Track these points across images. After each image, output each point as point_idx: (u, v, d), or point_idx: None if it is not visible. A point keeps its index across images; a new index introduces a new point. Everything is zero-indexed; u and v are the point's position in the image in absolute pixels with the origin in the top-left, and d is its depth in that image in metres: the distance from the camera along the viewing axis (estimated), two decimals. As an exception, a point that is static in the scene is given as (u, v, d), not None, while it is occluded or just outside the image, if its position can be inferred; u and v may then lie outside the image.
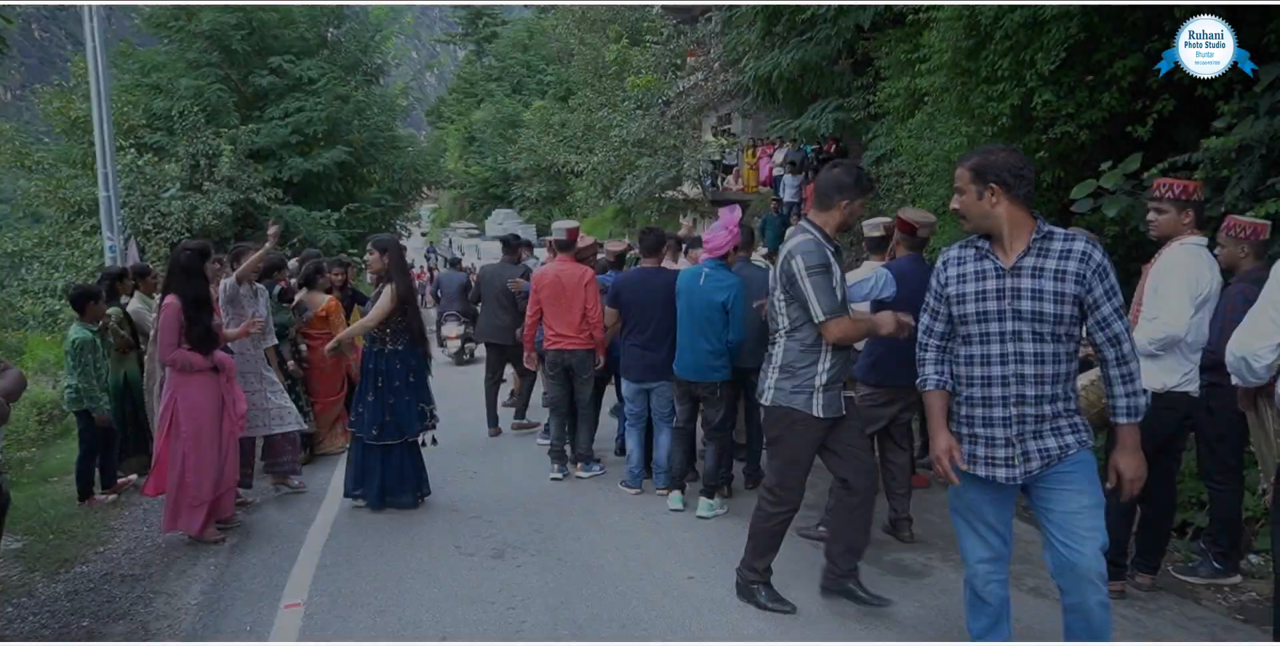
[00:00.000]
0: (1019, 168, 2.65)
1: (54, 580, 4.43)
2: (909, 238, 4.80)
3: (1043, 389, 2.69)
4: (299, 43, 20.60)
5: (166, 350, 4.64)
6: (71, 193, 16.37)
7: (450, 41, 65.88)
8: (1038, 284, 2.63)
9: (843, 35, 10.23)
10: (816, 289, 3.41)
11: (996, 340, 2.71)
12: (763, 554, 3.88)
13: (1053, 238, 2.65)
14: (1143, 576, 4.06)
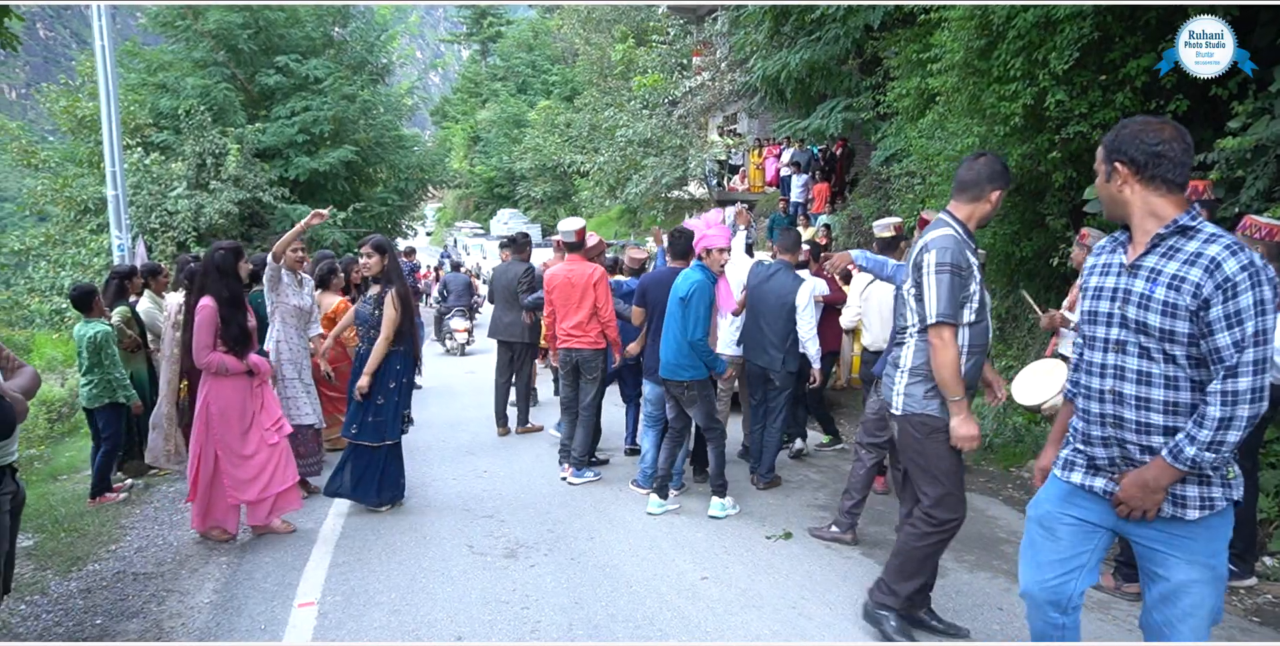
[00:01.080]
0: (1154, 143, 2.18)
1: (66, 578, 4.43)
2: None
3: (1147, 415, 2.23)
4: (305, 42, 20.60)
5: (202, 352, 4.57)
6: (78, 191, 16.36)
7: (455, 41, 65.78)
8: (1149, 289, 2.19)
9: (851, 35, 10.20)
10: (939, 287, 3.06)
11: (1101, 347, 2.33)
12: (909, 577, 3.42)
13: (1190, 235, 2.17)
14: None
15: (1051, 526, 2.47)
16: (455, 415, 8.65)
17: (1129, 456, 2.29)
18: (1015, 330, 8.24)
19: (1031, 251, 7.01)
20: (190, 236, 16.03)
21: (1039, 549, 2.50)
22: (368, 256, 5.12)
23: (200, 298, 4.64)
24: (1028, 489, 5.90)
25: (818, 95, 11.98)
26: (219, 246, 4.79)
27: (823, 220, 14.03)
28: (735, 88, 17.59)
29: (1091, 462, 2.38)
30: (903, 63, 8.52)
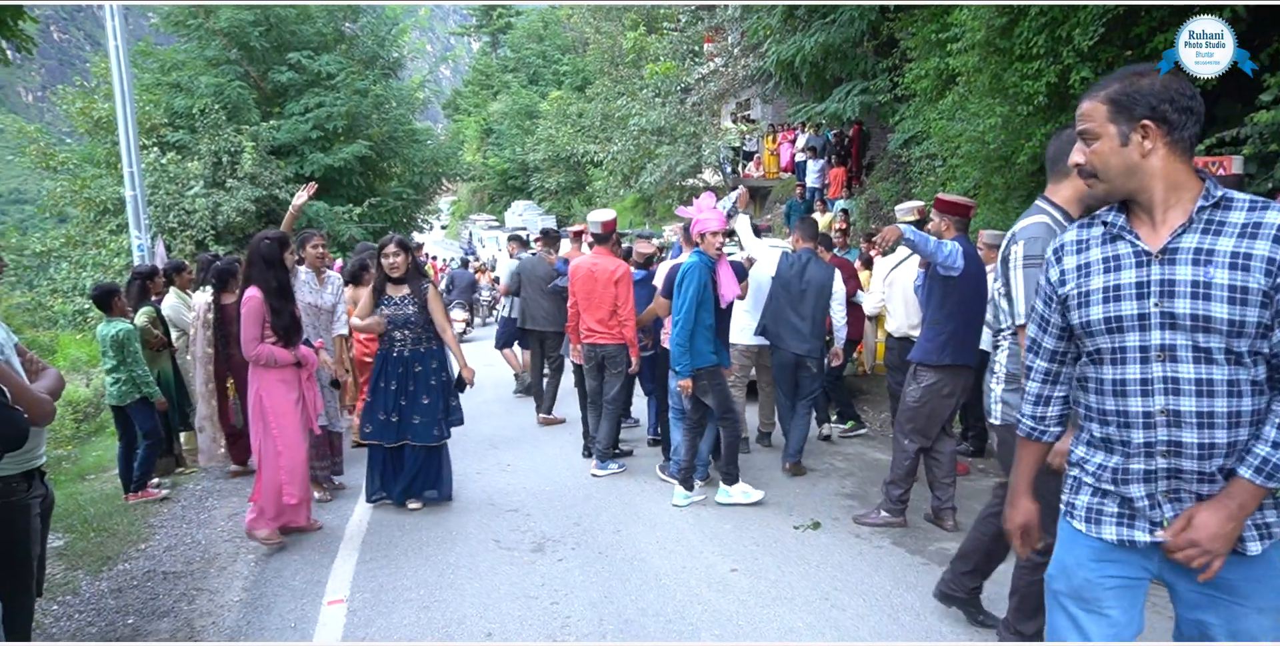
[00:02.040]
0: (1188, 98, 1.77)
1: (97, 578, 4.45)
2: (960, 219, 4.59)
3: (1211, 434, 1.77)
4: (316, 38, 20.58)
5: (250, 344, 4.49)
6: (96, 192, 16.46)
7: (465, 34, 65.63)
8: (1203, 274, 1.75)
9: (866, 16, 10.04)
10: (1027, 283, 2.73)
11: (1137, 359, 1.82)
12: (1032, 615, 3.14)
13: (1231, 206, 1.78)
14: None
15: (1095, 597, 1.91)
16: (476, 408, 8.63)
17: (1179, 489, 1.82)
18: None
19: (1056, 233, 6.89)
20: (208, 235, 16.11)
21: (1089, 632, 1.91)
22: (394, 255, 5.02)
23: (246, 289, 4.57)
24: (1057, 474, 5.82)
25: (833, 79, 11.82)
26: (264, 236, 4.69)
27: (840, 205, 13.91)
28: (749, 73, 17.43)
29: (1126, 506, 1.88)
30: (920, 43, 8.37)
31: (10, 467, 2.59)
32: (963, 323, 4.41)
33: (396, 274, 5.04)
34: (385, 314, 5.08)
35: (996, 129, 6.14)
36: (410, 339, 5.11)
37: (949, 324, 4.44)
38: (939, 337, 4.48)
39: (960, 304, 4.42)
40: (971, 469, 5.92)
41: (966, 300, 4.40)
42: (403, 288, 5.09)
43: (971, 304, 4.40)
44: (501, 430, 7.57)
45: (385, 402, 5.10)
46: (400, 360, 5.12)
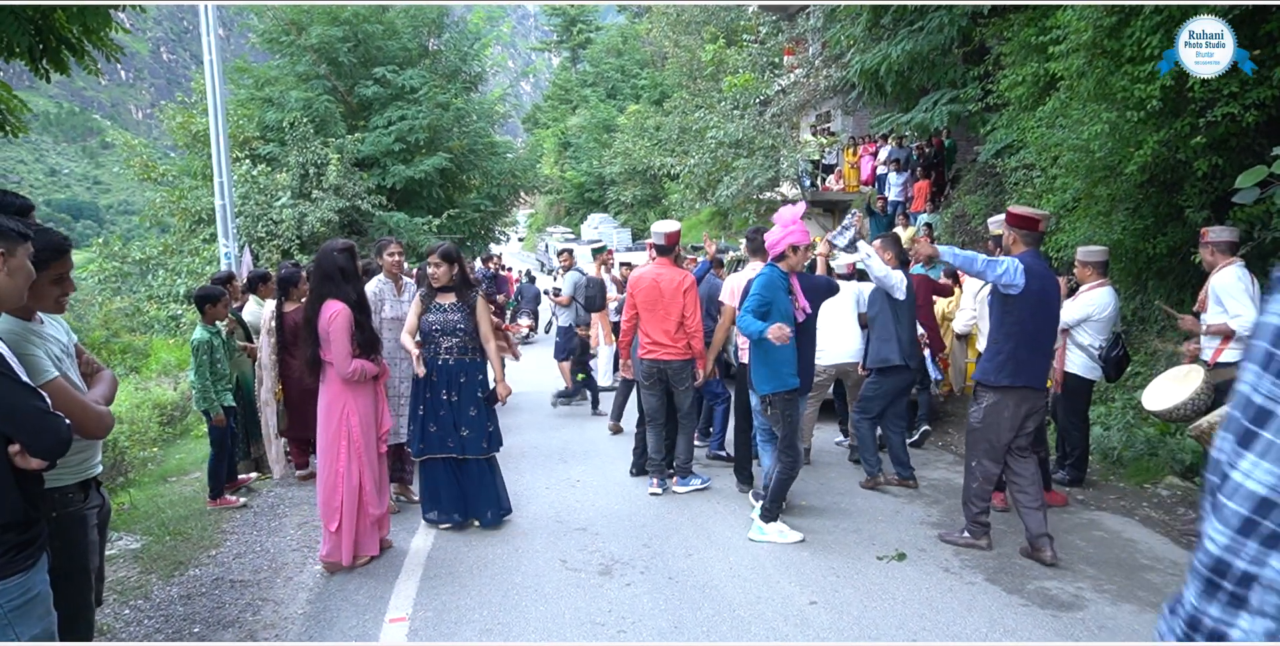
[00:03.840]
0: None
1: (169, 583, 4.45)
2: (1028, 233, 4.43)
3: None
4: (401, 53, 21.11)
5: (345, 361, 4.30)
6: (192, 202, 17.16)
7: (545, 49, 66.77)
8: None
9: (956, 22, 9.65)
10: None
11: None
12: None
13: None
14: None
15: None
16: (545, 421, 8.55)
17: None
18: (1144, 334, 7.60)
19: (1165, 248, 6.41)
20: (294, 244, 16.57)
21: None
22: (435, 266, 4.85)
23: (322, 303, 4.38)
24: (1165, 507, 5.37)
25: (919, 88, 11.42)
26: (335, 247, 4.50)
27: (924, 219, 13.43)
28: (830, 84, 17.07)
29: None
30: (1015, 49, 7.97)
31: (66, 478, 2.53)
32: (1022, 342, 4.31)
33: (436, 284, 4.91)
34: (431, 321, 4.90)
35: (1103, 136, 5.73)
36: (457, 348, 4.92)
37: (1007, 343, 4.35)
38: (997, 357, 4.38)
39: (1019, 324, 4.32)
40: (1070, 499, 5.51)
41: (1025, 320, 4.30)
42: (450, 295, 4.94)
43: (1032, 324, 4.30)
44: (571, 444, 7.44)
45: (431, 413, 4.92)
46: (446, 369, 4.93)
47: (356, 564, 4.51)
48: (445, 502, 5.04)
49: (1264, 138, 5.51)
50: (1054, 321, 4.51)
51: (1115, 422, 6.57)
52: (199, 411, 5.72)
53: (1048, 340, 4.46)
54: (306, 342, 4.44)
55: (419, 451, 4.98)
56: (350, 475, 4.43)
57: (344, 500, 4.41)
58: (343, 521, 4.40)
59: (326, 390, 4.47)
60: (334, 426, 4.42)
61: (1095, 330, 5.43)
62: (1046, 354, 4.48)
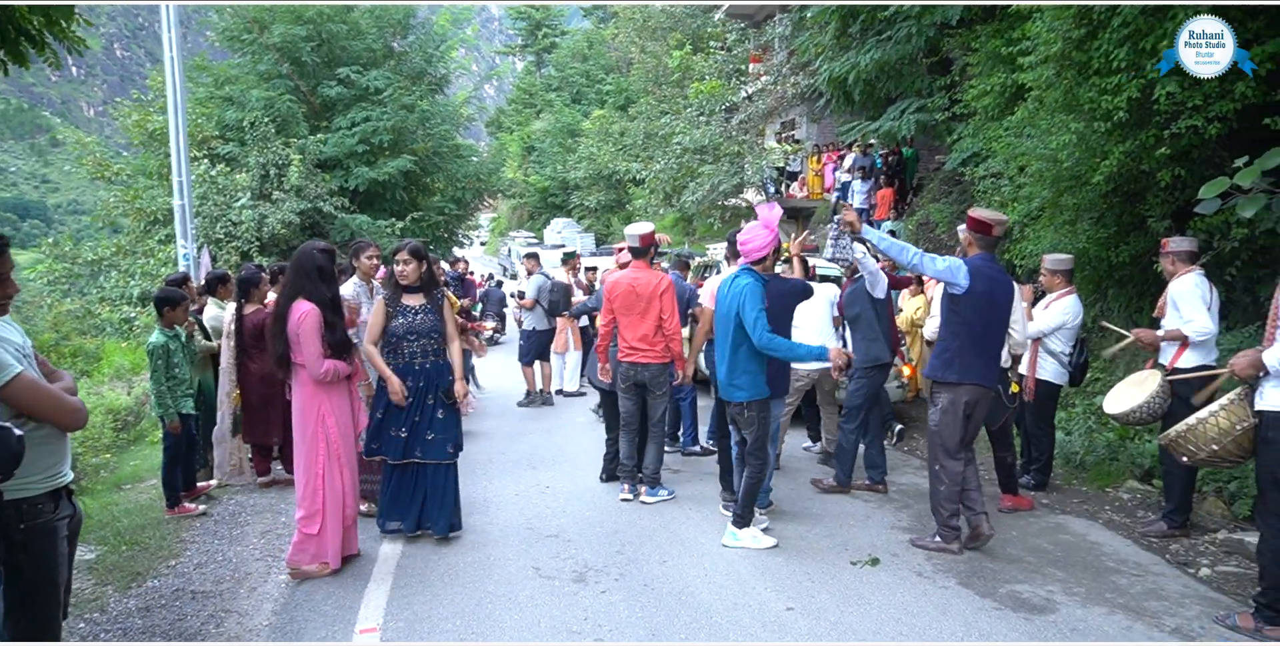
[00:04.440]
0: None
1: (126, 595, 4.30)
2: (982, 237, 4.59)
3: None
4: (366, 54, 20.83)
5: (316, 362, 4.22)
6: (147, 202, 16.72)
7: (510, 53, 66.49)
8: None
9: (925, 32, 9.77)
10: None
11: None
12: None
13: None
14: (1305, 620, 3.60)
15: None
16: (512, 427, 8.46)
17: None
18: (1104, 341, 7.74)
19: (1127, 256, 6.54)
20: (253, 246, 16.24)
21: None
22: (405, 263, 4.70)
23: (293, 302, 4.29)
24: (1126, 510, 5.46)
25: (886, 97, 11.55)
26: (315, 246, 4.41)
27: (888, 227, 13.59)
28: (798, 91, 17.22)
29: None
30: (983, 59, 8.09)
31: (35, 487, 2.42)
32: (969, 341, 4.48)
33: (405, 282, 4.74)
34: (400, 324, 4.72)
35: (1071, 146, 5.82)
36: (432, 350, 4.78)
37: (954, 341, 4.52)
38: (944, 354, 4.56)
39: (965, 324, 4.49)
40: (1036, 503, 5.58)
41: (973, 321, 4.47)
42: (419, 296, 4.80)
43: (980, 326, 4.46)
44: (539, 449, 7.36)
45: (399, 417, 4.75)
46: (422, 373, 4.77)
47: (321, 571, 4.39)
48: (402, 510, 4.88)
49: (1224, 150, 5.63)
50: (1000, 324, 4.60)
51: (1077, 428, 6.68)
52: (157, 417, 5.55)
53: (994, 341, 4.59)
54: (276, 340, 4.33)
55: (371, 451, 4.80)
56: (331, 477, 4.34)
57: (325, 502, 4.31)
58: (325, 524, 4.31)
59: (300, 392, 4.36)
60: (311, 428, 4.33)
61: (1065, 337, 5.54)
62: (993, 354, 4.60)
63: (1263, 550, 3.61)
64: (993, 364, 4.59)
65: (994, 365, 4.62)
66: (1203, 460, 3.91)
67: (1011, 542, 4.82)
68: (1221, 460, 3.88)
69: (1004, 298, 4.55)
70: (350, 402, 4.51)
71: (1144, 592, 4.10)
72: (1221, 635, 3.59)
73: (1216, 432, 3.77)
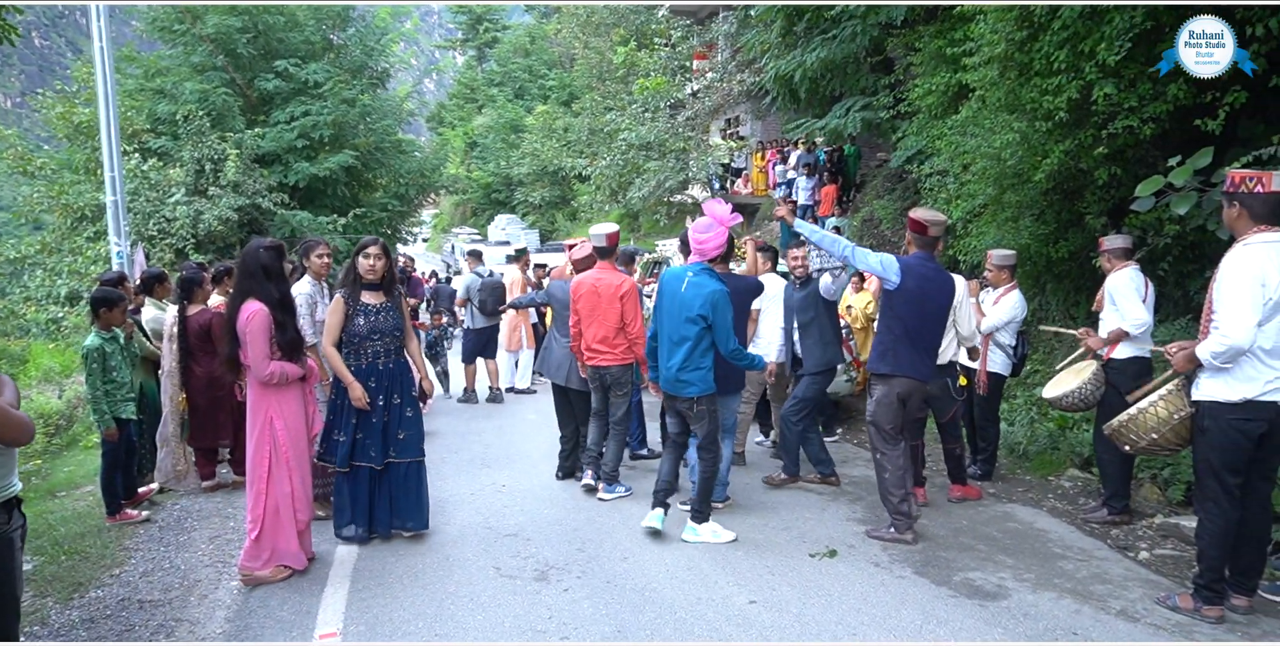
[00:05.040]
0: None
1: (68, 606, 4.14)
2: (919, 237, 4.77)
3: None
4: (304, 46, 20.33)
5: (261, 364, 4.12)
6: (74, 198, 16.06)
7: (451, 47, 65.49)
8: None
9: (869, 32, 9.93)
10: None
11: None
12: None
13: None
14: (1239, 598, 3.78)
15: None
16: (462, 425, 8.38)
17: None
18: (1042, 334, 8.00)
19: (1066, 252, 6.76)
20: (189, 243, 15.73)
21: None
22: (377, 258, 4.60)
23: (242, 302, 4.19)
24: (1068, 497, 5.65)
25: (831, 95, 11.72)
26: (262, 244, 4.30)
27: (832, 223, 13.80)
28: (744, 89, 17.35)
29: None
30: (926, 59, 8.27)
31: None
32: (902, 336, 4.65)
33: (371, 277, 4.61)
34: (362, 324, 4.59)
35: (1013, 145, 5.99)
36: (395, 349, 4.71)
37: (888, 335, 4.71)
38: (879, 348, 4.76)
39: (899, 319, 4.66)
40: (984, 493, 5.73)
41: (906, 317, 4.64)
42: (379, 294, 4.68)
43: (914, 321, 4.65)
44: (492, 448, 7.30)
45: (368, 423, 4.63)
46: (388, 374, 4.68)
47: (276, 576, 4.29)
48: (378, 514, 4.78)
49: (1158, 149, 5.87)
50: (934, 320, 4.75)
51: (1019, 419, 6.88)
52: (95, 421, 5.34)
53: (928, 337, 4.73)
54: (227, 342, 4.22)
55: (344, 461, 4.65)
56: (279, 480, 4.24)
57: (269, 507, 4.22)
58: (272, 528, 4.23)
59: (250, 394, 4.27)
60: (258, 430, 4.23)
61: (1011, 330, 5.72)
62: (926, 349, 4.74)
63: (1200, 533, 3.76)
64: (925, 357, 4.74)
65: (927, 359, 4.76)
66: (1144, 448, 4.06)
67: (963, 531, 4.95)
68: (1161, 448, 4.04)
69: (938, 295, 4.70)
70: (304, 405, 4.40)
71: (1089, 577, 4.25)
72: (1168, 618, 3.74)
73: (1156, 422, 3.92)
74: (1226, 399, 3.56)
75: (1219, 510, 3.63)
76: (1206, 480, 3.71)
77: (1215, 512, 3.65)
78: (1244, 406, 3.53)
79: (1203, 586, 3.73)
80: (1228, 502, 3.61)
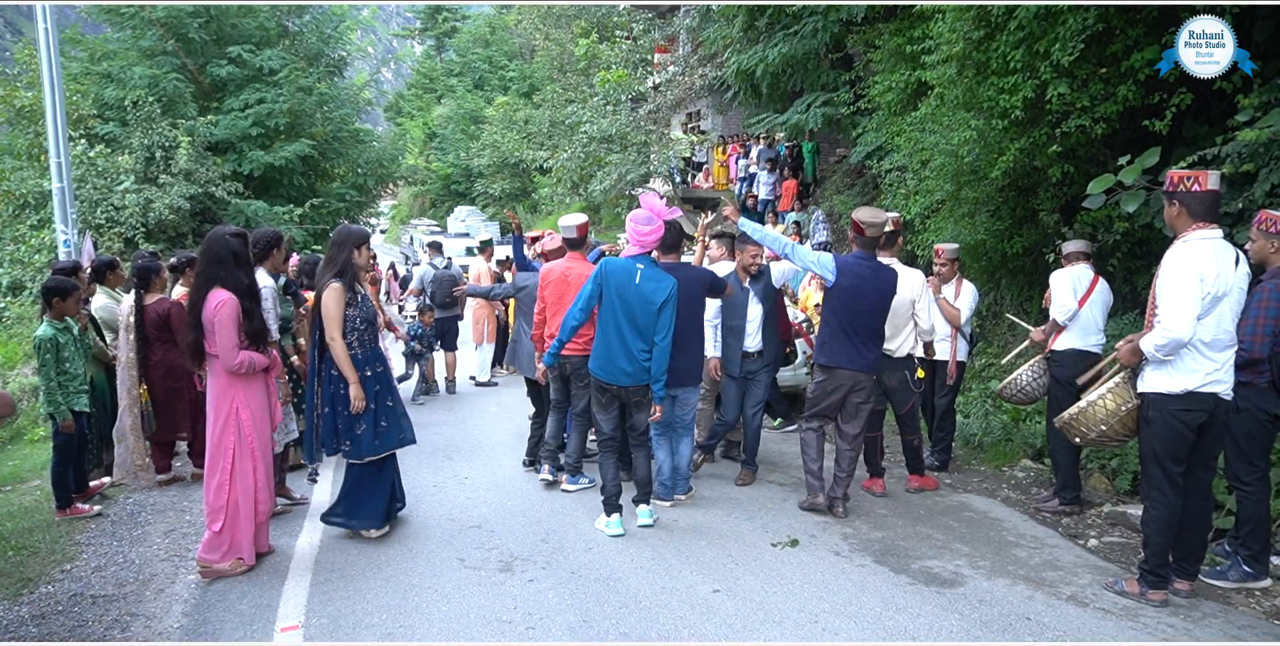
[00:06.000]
0: None
1: (16, 602, 4.04)
2: (859, 237, 4.99)
3: None
4: (259, 32, 19.91)
5: (230, 353, 4.05)
6: (16, 185, 15.55)
7: (409, 36, 64.58)
8: None
9: (830, 29, 10.04)
10: None
11: None
12: None
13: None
14: (1181, 583, 3.93)
15: None
16: (423, 417, 8.30)
17: None
18: (996, 327, 8.19)
19: (1021, 247, 6.92)
20: (139, 232, 15.34)
21: None
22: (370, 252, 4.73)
23: (209, 290, 4.10)
24: (1021, 487, 5.80)
25: (792, 90, 11.82)
26: (226, 232, 4.22)
27: (792, 218, 13.94)
28: (705, 83, 17.39)
29: None
30: (886, 57, 8.38)
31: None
32: (837, 330, 4.92)
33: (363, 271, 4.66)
34: (356, 314, 4.53)
35: (971, 142, 6.12)
36: (372, 338, 4.67)
37: (825, 329, 5.01)
38: (819, 339, 5.10)
39: (833, 313, 4.95)
40: (940, 483, 5.86)
41: (838, 311, 4.91)
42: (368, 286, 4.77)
43: (845, 315, 4.89)
44: (455, 440, 7.26)
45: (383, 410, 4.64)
46: (381, 359, 4.72)
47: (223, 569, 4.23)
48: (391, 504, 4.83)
49: (1108, 148, 6.04)
50: (869, 316, 4.93)
51: (974, 411, 7.04)
52: (46, 415, 5.20)
53: (860, 332, 4.92)
54: (190, 328, 4.13)
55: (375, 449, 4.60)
56: (243, 471, 4.18)
57: (230, 499, 4.15)
58: (233, 520, 4.17)
59: (214, 383, 4.19)
60: (222, 421, 4.15)
61: (970, 319, 5.95)
62: (861, 343, 4.93)
63: (1146, 521, 3.90)
64: (860, 351, 4.93)
65: (863, 352, 4.94)
66: (1093, 440, 4.19)
67: (921, 521, 5.05)
68: (1110, 439, 4.17)
69: (874, 292, 4.90)
70: (267, 396, 4.35)
71: (1042, 564, 4.38)
72: (1115, 602, 3.87)
73: (1104, 414, 4.05)
74: (1169, 390, 3.69)
75: (1163, 498, 3.76)
76: (1151, 469, 3.84)
77: (1159, 501, 3.78)
78: (1185, 397, 3.66)
79: (1148, 571, 3.87)
80: (1171, 490, 3.75)
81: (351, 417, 4.49)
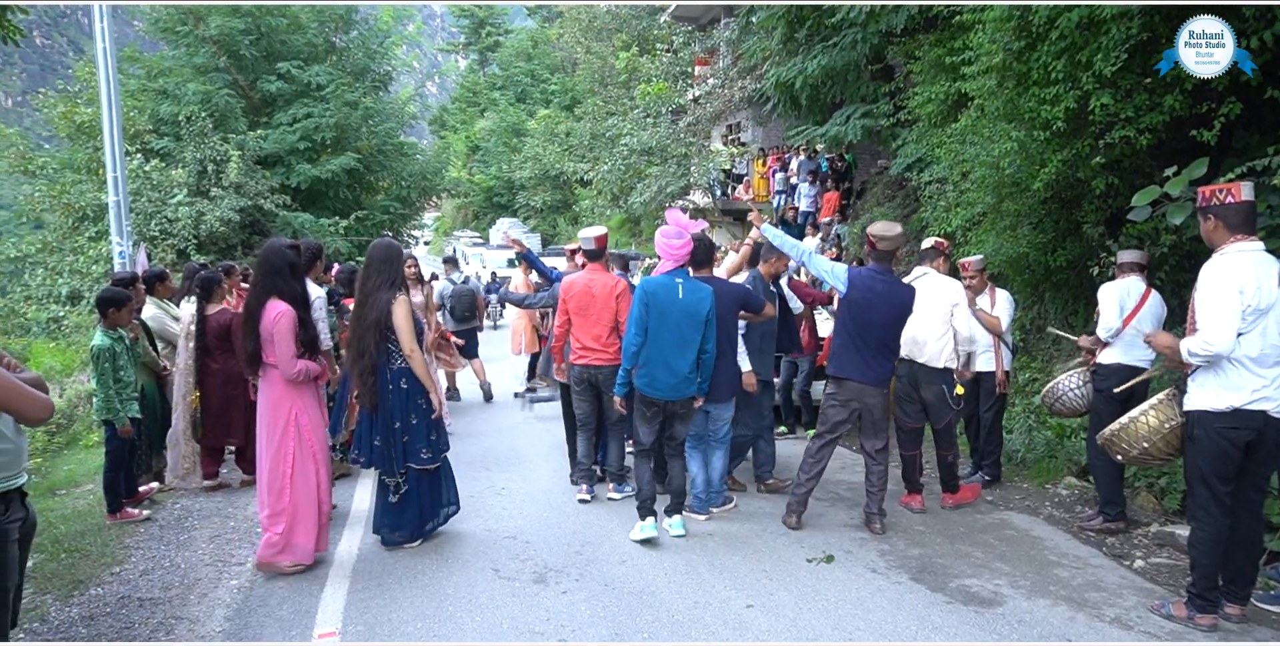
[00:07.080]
0: None
1: (67, 603, 4.17)
2: (872, 250, 5.03)
3: None
4: (307, 49, 20.44)
5: (290, 363, 4.21)
6: (76, 198, 16.12)
7: (453, 51, 65.59)
8: None
9: (869, 40, 9.99)
10: None
11: None
12: None
13: None
14: (1233, 607, 3.81)
15: None
16: (462, 427, 8.39)
17: None
18: (1039, 341, 8.03)
19: (1065, 261, 6.79)
20: (191, 244, 15.80)
21: None
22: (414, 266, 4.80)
23: (267, 300, 4.24)
24: (1065, 506, 5.67)
25: (832, 102, 11.77)
26: (283, 243, 4.38)
27: (834, 230, 13.86)
28: (745, 95, 17.40)
29: None
30: (925, 68, 8.31)
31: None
32: (847, 341, 4.97)
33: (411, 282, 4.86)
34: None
35: (1012, 154, 6.03)
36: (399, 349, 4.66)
37: (836, 340, 5.07)
38: (832, 350, 5.12)
39: (843, 324, 5.00)
40: (980, 500, 5.76)
41: (848, 322, 4.95)
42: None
43: (854, 326, 4.91)
44: (492, 450, 7.32)
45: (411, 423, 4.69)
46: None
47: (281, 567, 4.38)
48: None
49: (1154, 159, 5.91)
50: (880, 329, 4.92)
51: (1017, 426, 6.91)
52: (100, 421, 5.37)
53: (870, 345, 4.92)
54: (247, 338, 4.28)
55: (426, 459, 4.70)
56: (305, 475, 4.32)
57: (292, 502, 4.30)
58: (296, 522, 4.32)
59: (270, 391, 4.34)
60: (281, 427, 4.30)
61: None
62: (871, 355, 4.93)
63: (1193, 542, 3.79)
64: (871, 363, 4.93)
65: (874, 364, 4.94)
66: (1135, 457, 4.09)
67: (960, 538, 4.98)
68: (1153, 457, 4.07)
69: (885, 306, 4.89)
70: (319, 402, 4.51)
71: (1085, 584, 4.28)
72: (1162, 626, 3.77)
73: (1147, 431, 3.96)
74: (1215, 407, 3.60)
75: (1209, 518, 3.66)
76: (1197, 488, 3.74)
77: (1206, 521, 3.68)
78: (1232, 415, 3.57)
79: (1196, 595, 3.76)
80: (1218, 511, 3.65)
81: (429, 425, 4.64)
